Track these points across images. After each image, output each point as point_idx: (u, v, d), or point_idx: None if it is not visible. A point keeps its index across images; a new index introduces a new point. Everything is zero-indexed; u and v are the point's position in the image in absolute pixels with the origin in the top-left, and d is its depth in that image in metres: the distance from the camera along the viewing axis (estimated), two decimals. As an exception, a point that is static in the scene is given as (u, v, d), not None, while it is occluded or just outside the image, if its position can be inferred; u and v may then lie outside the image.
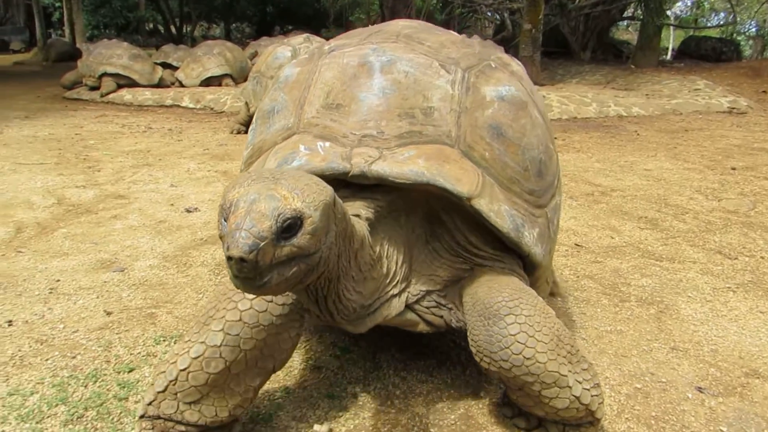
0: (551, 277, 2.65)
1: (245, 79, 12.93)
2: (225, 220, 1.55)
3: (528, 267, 2.32)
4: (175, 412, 1.93)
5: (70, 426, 2.16)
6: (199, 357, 1.91)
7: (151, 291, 3.36)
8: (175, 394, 1.92)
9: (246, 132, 7.69)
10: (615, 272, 3.67)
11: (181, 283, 3.50)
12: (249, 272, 1.45)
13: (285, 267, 1.53)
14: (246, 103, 7.58)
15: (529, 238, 2.17)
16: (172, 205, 5.09)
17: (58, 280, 3.48)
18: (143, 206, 5.02)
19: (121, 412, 2.27)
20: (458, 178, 2.02)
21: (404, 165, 2.01)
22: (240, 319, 1.94)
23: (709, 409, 2.40)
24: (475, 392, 2.46)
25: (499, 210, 2.09)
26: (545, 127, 2.45)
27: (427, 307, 2.22)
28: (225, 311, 1.97)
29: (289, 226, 1.51)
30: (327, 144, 2.12)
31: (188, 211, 4.91)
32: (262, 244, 1.46)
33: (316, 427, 2.24)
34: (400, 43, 2.33)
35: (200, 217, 4.77)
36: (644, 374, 2.62)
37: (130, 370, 2.54)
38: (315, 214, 1.57)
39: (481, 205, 2.04)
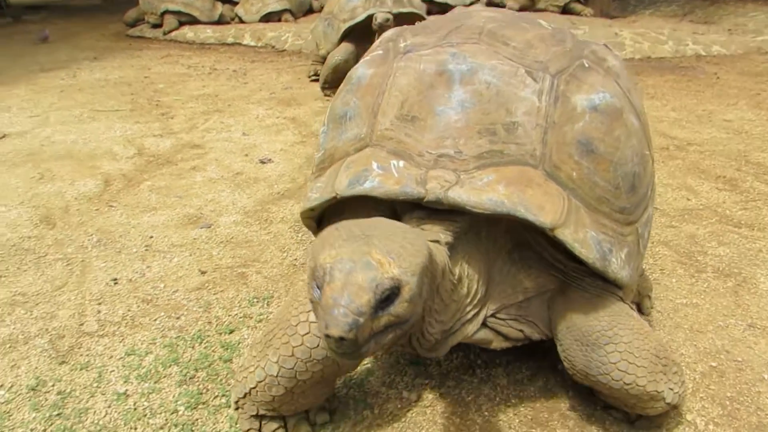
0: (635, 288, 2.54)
1: (304, 14, 12.81)
2: (318, 287, 1.50)
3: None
4: (256, 414, 2.10)
5: (185, 386, 2.40)
6: (261, 381, 1.99)
7: (238, 249, 3.56)
8: (253, 402, 2.05)
9: (316, 78, 7.68)
10: (691, 239, 3.65)
11: (264, 240, 3.68)
12: (347, 348, 1.42)
13: (381, 335, 1.50)
14: (316, 44, 7.57)
15: (616, 264, 2.04)
16: (246, 155, 5.25)
17: (152, 237, 3.73)
18: (219, 157, 5.21)
19: (227, 374, 2.49)
20: (541, 205, 1.90)
21: (482, 193, 1.89)
22: (292, 355, 1.93)
23: (787, 391, 2.45)
24: (553, 365, 2.57)
25: (585, 238, 1.96)
26: (642, 132, 2.28)
27: (504, 320, 2.15)
28: (279, 342, 1.97)
29: (388, 297, 1.46)
30: (401, 163, 2.01)
31: (262, 162, 5.07)
32: (362, 320, 1.40)
33: (405, 393, 2.42)
34: (482, 44, 2.16)
35: (274, 169, 4.92)
36: (720, 352, 2.67)
37: (231, 332, 2.76)
38: (412, 280, 1.50)
39: (566, 235, 1.92)
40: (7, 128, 6.16)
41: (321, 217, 2.37)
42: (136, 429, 2.18)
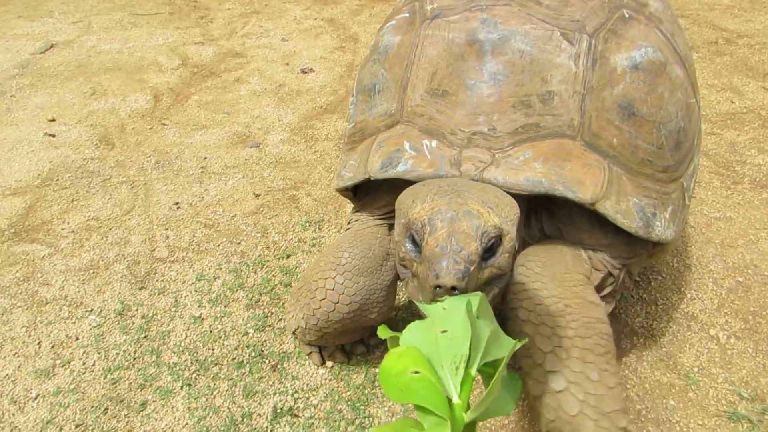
0: None
1: None
2: (414, 242, 1.45)
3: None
4: (309, 344, 2.37)
5: (252, 310, 2.70)
6: (297, 329, 2.19)
7: (287, 170, 3.76)
8: (301, 339, 2.30)
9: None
10: (731, 147, 3.66)
11: (311, 160, 3.86)
12: None
13: (484, 290, 1.44)
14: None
15: (660, 227, 1.97)
16: (287, 64, 5.30)
17: (206, 158, 3.94)
18: (261, 67, 5.27)
19: (287, 298, 2.78)
20: (580, 180, 1.84)
21: (519, 172, 1.83)
22: (313, 315, 2.08)
23: (807, 307, 2.60)
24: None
25: (627, 208, 1.90)
26: (687, 80, 2.15)
27: None
28: (303, 301, 2.11)
29: (492, 246, 1.42)
30: (433, 144, 1.96)
31: (303, 72, 5.13)
32: (472, 269, 1.33)
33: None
34: (513, 5, 2.02)
35: (315, 80, 4.98)
36: (748, 266, 2.81)
37: (288, 257, 3.02)
38: (512, 229, 1.46)
39: (606, 208, 1.86)
40: (53, 36, 6.29)
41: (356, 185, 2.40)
42: (213, 350, 2.51)
